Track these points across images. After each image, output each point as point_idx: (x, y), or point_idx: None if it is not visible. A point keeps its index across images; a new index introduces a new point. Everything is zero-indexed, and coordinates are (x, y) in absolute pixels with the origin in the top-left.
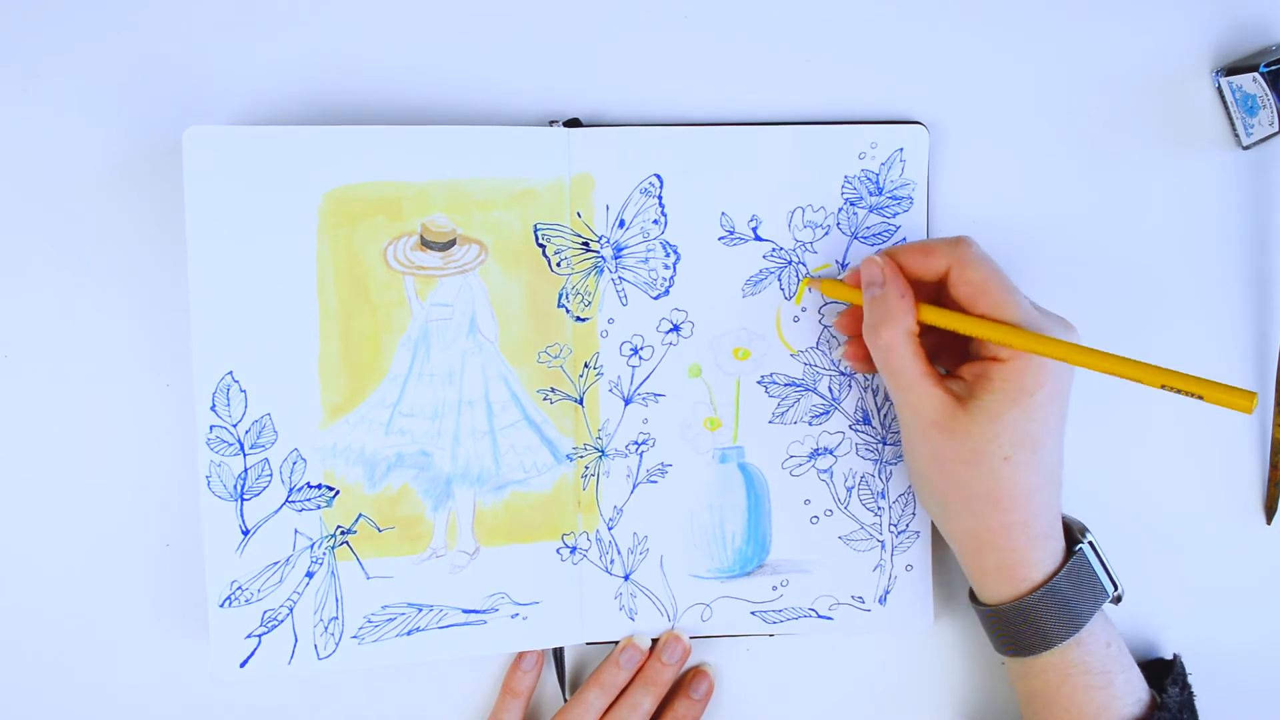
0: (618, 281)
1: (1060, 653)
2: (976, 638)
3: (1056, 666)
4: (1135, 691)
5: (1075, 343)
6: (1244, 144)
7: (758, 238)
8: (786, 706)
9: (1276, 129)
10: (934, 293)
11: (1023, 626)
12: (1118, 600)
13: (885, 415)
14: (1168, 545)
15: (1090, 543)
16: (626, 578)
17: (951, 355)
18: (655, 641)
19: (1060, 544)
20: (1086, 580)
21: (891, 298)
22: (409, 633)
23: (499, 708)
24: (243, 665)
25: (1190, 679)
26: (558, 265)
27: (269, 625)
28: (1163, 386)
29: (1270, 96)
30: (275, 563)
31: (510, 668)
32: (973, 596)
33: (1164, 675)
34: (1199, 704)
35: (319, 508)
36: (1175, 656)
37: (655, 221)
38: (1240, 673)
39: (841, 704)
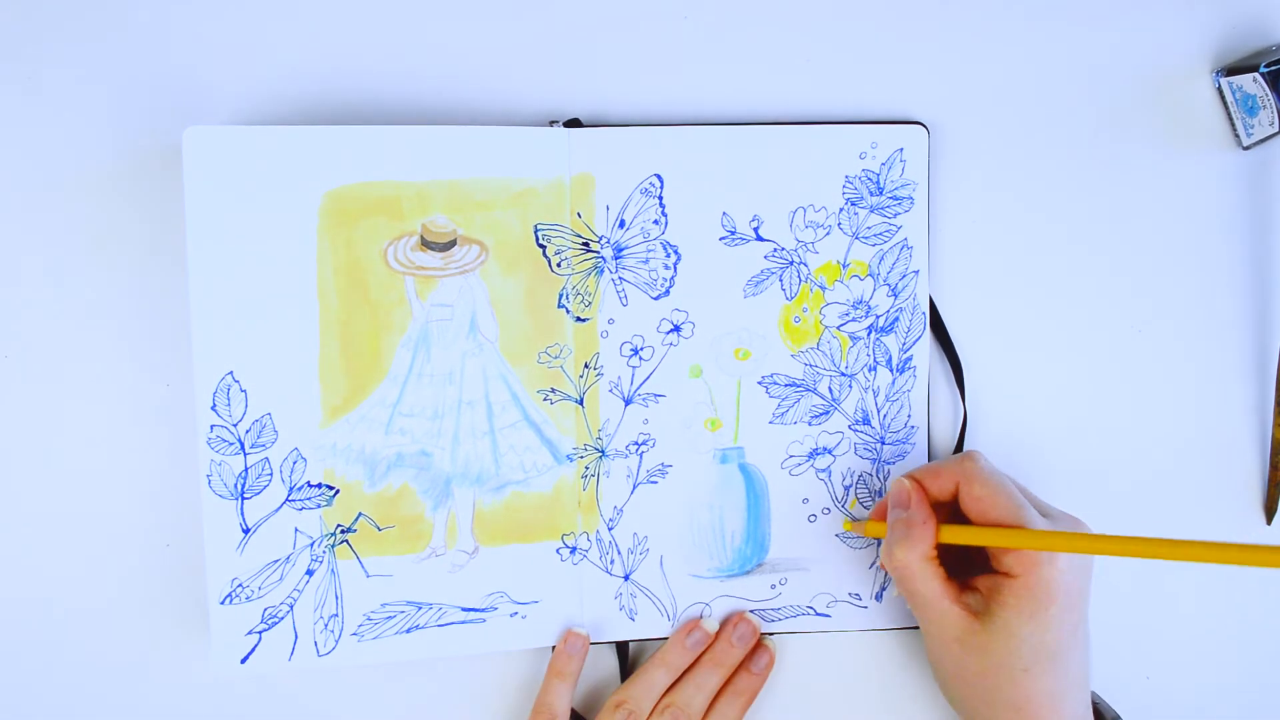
0: (618, 282)
1: None
2: None
3: None
4: None
5: (1084, 532)
6: (1244, 144)
7: (759, 238)
8: (786, 706)
9: (1276, 129)
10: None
11: None
12: None
13: (884, 415)
14: None
15: None
16: (626, 578)
17: (971, 561)
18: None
19: None
20: None
21: (915, 521)
22: (408, 630)
23: (546, 689)
24: (243, 661)
25: None
26: (558, 265)
27: (269, 622)
28: (1187, 559)
29: (1270, 96)
30: (276, 560)
31: (556, 651)
32: None
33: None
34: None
35: (319, 506)
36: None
37: (656, 222)
38: (1240, 672)
39: (840, 703)
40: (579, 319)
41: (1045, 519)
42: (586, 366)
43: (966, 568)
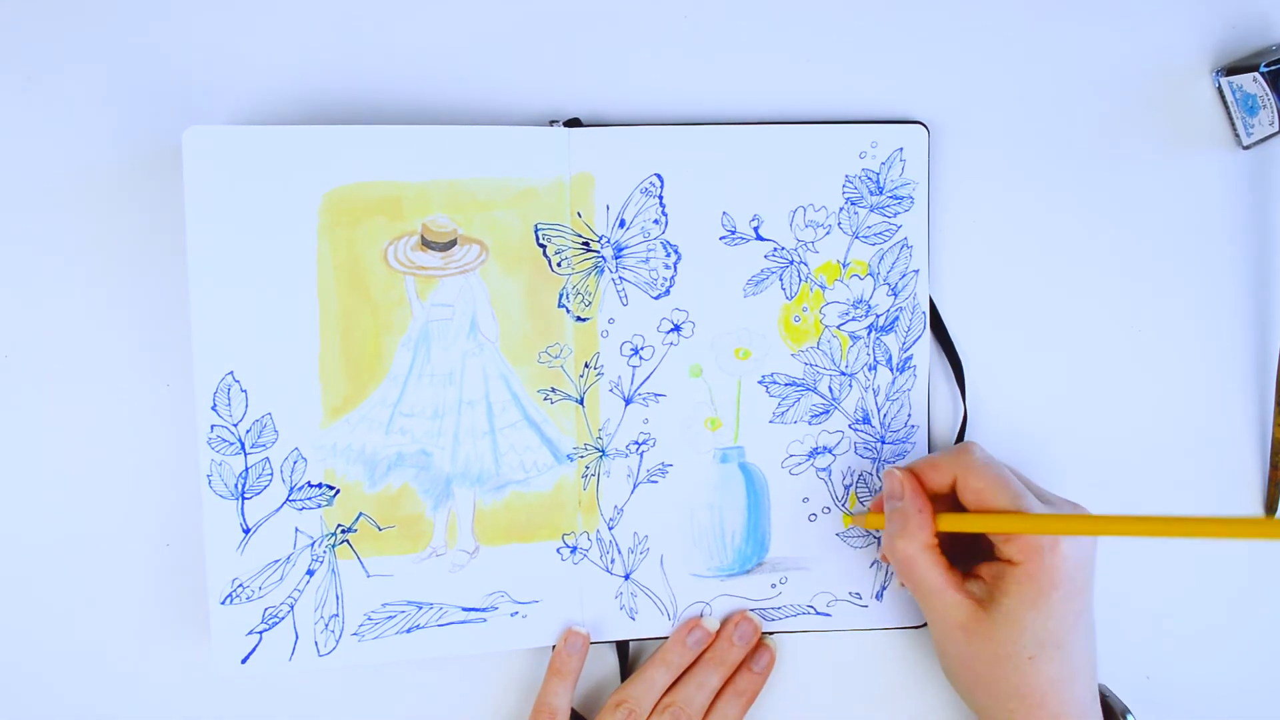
0: (618, 281)
1: None
2: None
3: None
4: None
5: (1084, 513)
6: (1244, 144)
7: (759, 237)
8: (786, 705)
9: (1276, 129)
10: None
11: None
12: None
13: (885, 414)
14: (1168, 543)
15: None
16: (627, 577)
17: (975, 550)
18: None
19: None
20: None
21: (910, 512)
22: (409, 630)
23: (546, 689)
24: (244, 661)
25: None
26: (558, 265)
27: (270, 622)
28: (1186, 535)
29: (1270, 96)
30: (276, 560)
31: (556, 650)
32: None
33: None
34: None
35: (319, 506)
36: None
37: (656, 221)
38: (1240, 671)
39: (840, 703)
40: (579, 319)
41: (1046, 506)
42: (587, 366)
43: (970, 557)
